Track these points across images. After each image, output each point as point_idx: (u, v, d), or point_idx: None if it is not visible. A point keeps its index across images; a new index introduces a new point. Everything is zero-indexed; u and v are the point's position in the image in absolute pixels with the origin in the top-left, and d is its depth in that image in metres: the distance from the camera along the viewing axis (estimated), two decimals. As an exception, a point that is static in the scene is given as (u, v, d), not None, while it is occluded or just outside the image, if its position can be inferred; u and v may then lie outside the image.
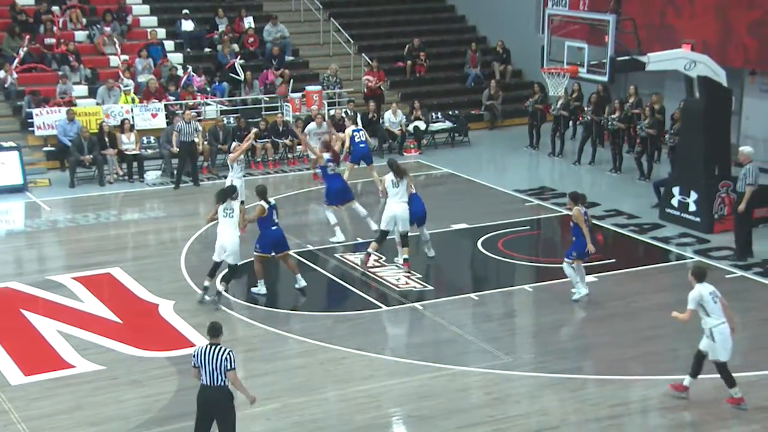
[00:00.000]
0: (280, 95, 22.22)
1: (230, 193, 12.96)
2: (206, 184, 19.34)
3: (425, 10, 27.80)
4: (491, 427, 9.84)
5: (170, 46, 23.51)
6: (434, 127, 22.59)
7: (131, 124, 20.24)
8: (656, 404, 10.33)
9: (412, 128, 22.08)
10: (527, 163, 21.35)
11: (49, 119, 20.08)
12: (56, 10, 23.09)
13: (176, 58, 23.10)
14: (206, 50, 23.88)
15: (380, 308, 13.02)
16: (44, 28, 22.46)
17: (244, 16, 24.59)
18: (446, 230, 15.60)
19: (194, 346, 11.79)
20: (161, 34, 23.64)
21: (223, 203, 12.82)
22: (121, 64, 22.02)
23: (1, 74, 21.19)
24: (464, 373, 11.11)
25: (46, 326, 12.40)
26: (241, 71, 22.53)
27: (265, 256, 13.29)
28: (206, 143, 19.94)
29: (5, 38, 21.85)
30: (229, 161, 16.19)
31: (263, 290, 13.35)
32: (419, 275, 14.08)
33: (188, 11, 24.41)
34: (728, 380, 10.09)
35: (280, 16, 24.89)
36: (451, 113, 23.13)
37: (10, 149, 19.07)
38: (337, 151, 16.22)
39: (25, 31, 22.18)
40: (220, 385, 8.62)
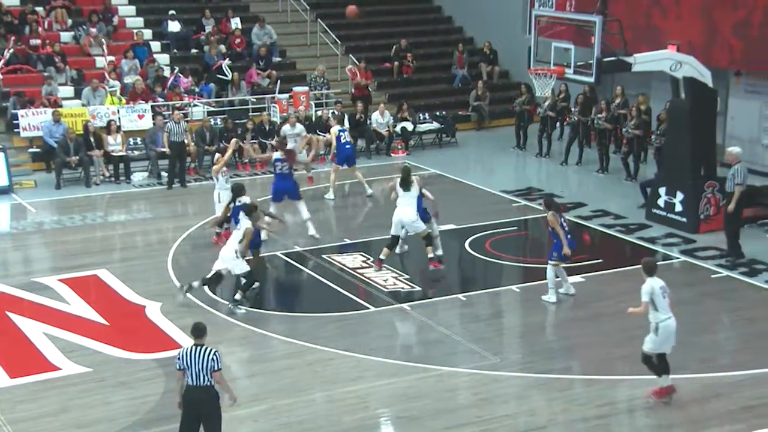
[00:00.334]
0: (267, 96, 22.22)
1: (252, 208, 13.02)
2: (193, 185, 19.30)
3: (412, 11, 27.84)
4: (479, 427, 9.84)
5: (157, 47, 23.44)
6: (421, 127, 22.62)
7: (118, 125, 20.16)
8: (643, 404, 10.35)
9: (399, 129, 22.09)
10: (514, 163, 21.40)
11: (34, 120, 19.99)
12: (41, 11, 22.99)
13: (163, 59, 23.03)
14: (193, 51, 23.82)
15: (368, 309, 13.01)
16: (30, 29, 22.35)
17: (231, 16, 24.54)
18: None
19: (181, 347, 11.77)
20: (147, 35, 23.57)
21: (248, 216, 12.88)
22: (107, 65, 21.94)
23: (-14, 75, 21.11)
24: (452, 373, 11.12)
25: (32, 328, 12.33)
26: (229, 71, 22.48)
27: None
28: (193, 144, 19.90)
29: (-10, 39, 21.77)
30: (213, 174, 15.91)
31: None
32: (407, 276, 14.08)
33: (175, 12, 24.34)
34: (657, 368, 10.14)
35: (267, 16, 24.86)
36: (438, 114, 23.16)
37: (-5, 151, 19.00)
38: (294, 152, 16.23)
39: (10, 32, 22.09)
40: (206, 385, 8.59)
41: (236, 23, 24.40)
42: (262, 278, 14.00)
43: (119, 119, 20.51)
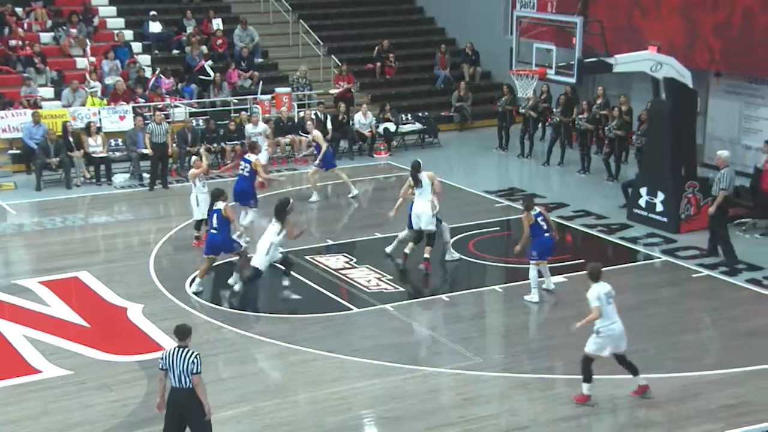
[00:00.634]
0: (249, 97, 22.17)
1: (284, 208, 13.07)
2: (175, 186, 19.22)
3: (394, 12, 27.86)
4: (462, 427, 9.86)
5: (138, 47, 23.33)
6: (404, 128, 22.63)
7: (97, 126, 20.05)
8: (625, 403, 10.41)
9: (382, 130, 22.10)
10: (497, 164, 21.46)
11: (14, 122, 19.86)
12: (20, 11, 22.82)
13: (144, 59, 22.93)
14: (174, 52, 23.73)
15: (351, 310, 13.01)
16: (9, 30, 22.18)
17: (212, 17, 24.47)
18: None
19: (163, 349, 11.73)
20: (128, 35, 23.46)
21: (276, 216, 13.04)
22: (88, 65, 21.81)
23: (-35, 76, 20.94)
24: (435, 374, 11.14)
25: (12, 331, 12.23)
26: (211, 72, 22.41)
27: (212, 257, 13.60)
28: (175, 145, 19.81)
29: (-31, 40, 21.60)
30: (189, 178, 15.60)
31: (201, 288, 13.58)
32: (390, 277, 14.09)
33: (156, 13, 24.24)
34: (586, 373, 10.17)
35: (248, 17, 24.80)
36: (420, 115, 23.19)
37: (-26, 152, 18.87)
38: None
39: (-11, 33, 21.94)
40: (189, 387, 8.56)
41: (218, 24, 24.33)
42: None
43: (100, 120, 20.40)
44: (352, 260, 14.78)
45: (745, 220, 16.04)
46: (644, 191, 16.43)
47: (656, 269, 14.73)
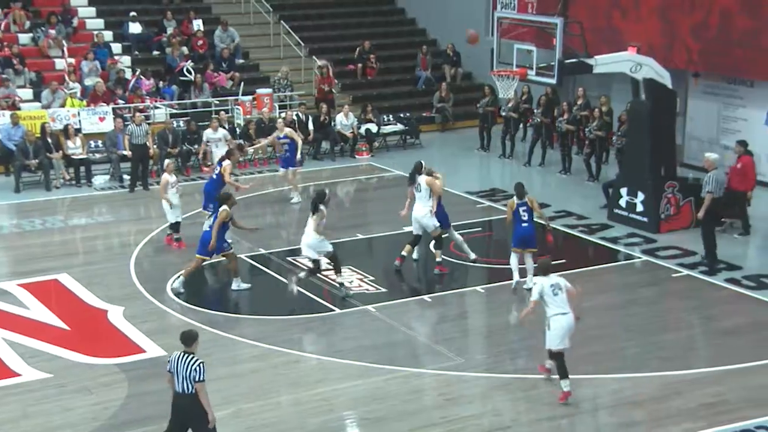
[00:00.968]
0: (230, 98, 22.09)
1: (322, 199, 13.31)
2: (156, 188, 19.09)
3: (375, 13, 27.87)
4: (444, 428, 9.88)
5: (117, 48, 23.21)
6: (386, 129, 22.63)
7: (75, 128, 19.91)
8: (606, 402, 10.47)
9: (363, 131, 22.10)
10: (478, 164, 21.51)
11: (-8, 123, 19.70)
12: (-2, 12, 22.69)
13: (124, 60, 22.82)
14: (155, 53, 23.62)
15: (333, 311, 12.99)
16: (-14, 30, 22.03)
17: (192, 18, 24.37)
18: (399, 233, 15.61)
19: (144, 352, 11.71)
20: (108, 36, 23.32)
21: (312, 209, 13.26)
22: (67, 66, 21.67)
23: (-58, 77, 20.73)
24: (417, 374, 11.14)
25: (-9, 334, 12.14)
26: (193, 72, 22.33)
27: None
28: (156, 147, 19.72)
29: (-53, 41, 21.40)
30: (161, 187, 15.40)
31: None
32: (372, 278, 14.09)
33: (136, 14, 24.12)
34: (561, 370, 10.31)
35: (229, 18, 24.73)
36: (402, 116, 23.20)
37: (-48, 154, 18.70)
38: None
39: (-34, 34, 21.75)
40: (189, 393, 8.56)
41: (198, 25, 24.23)
42: (228, 281, 13.94)
43: (80, 121, 20.27)
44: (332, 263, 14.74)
45: (723, 220, 16.15)
46: (624, 191, 16.52)
47: (636, 269, 14.81)
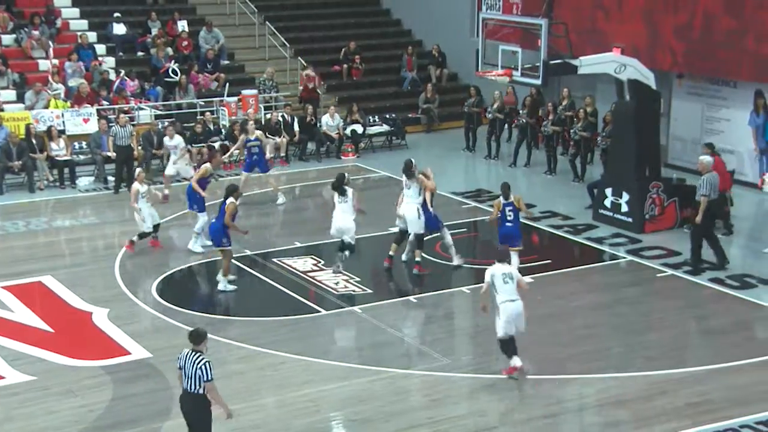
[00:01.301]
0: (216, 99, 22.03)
1: (342, 181, 13.91)
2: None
3: (361, 14, 27.85)
4: (430, 429, 9.88)
5: (102, 50, 23.10)
6: (371, 130, 22.62)
7: (59, 130, 19.79)
8: (592, 402, 10.50)
9: (349, 132, 22.08)
10: (464, 165, 21.54)
11: (-25, 125, 19.55)
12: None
13: (108, 62, 22.71)
14: (139, 54, 23.53)
15: (319, 312, 12.98)
16: (-31, 31, 21.88)
17: (177, 19, 24.29)
18: (384, 233, 15.61)
19: (129, 354, 11.66)
20: (92, 37, 23.21)
21: (337, 191, 13.83)
22: (51, 67, 21.55)
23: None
24: (403, 375, 11.15)
25: (-26, 337, 12.05)
26: (178, 72, 22.25)
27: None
28: (140, 148, 19.63)
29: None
30: (131, 196, 15.33)
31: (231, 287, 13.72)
32: (358, 279, 14.08)
33: (120, 15, 24.01)
34: (509, 351, 10.80)
35: (214, 19, 24.66)
36: (388, 117, 23.19)
37: (-66, 156, 18.53)
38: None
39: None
40: (194, 393, 8.57)
41: (183, 26, 24.15)
42: (214, 282, 13.91)
43: (64, 123, 20.16)
44: (320, 262, 14.74)
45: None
46: (609, 192, 16.58)
47: (622, 269, 14.87)
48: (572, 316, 12.85)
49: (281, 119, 21.04)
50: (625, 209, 16.32)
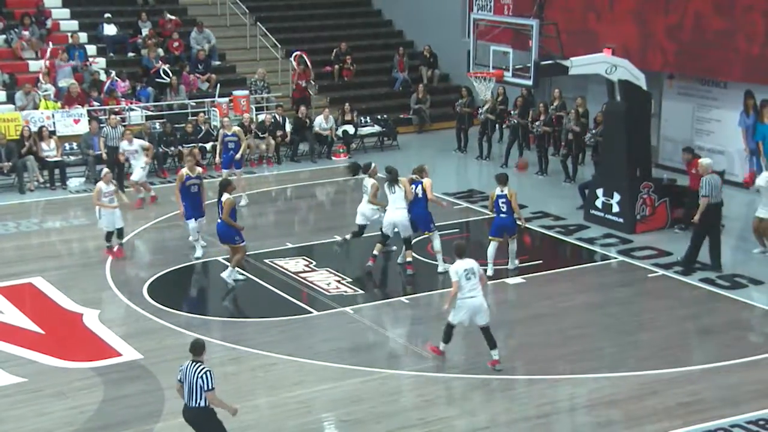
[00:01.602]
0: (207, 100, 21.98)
1: (357, 169, 14.59)
2: (130, 190, 18.96)
3: (352, 14, 27.86)
4: (422, 429, 9.88)
5: (92, 50, 23.03)
6: (363, 131, 22.63)
7: (50, 130, 19.72)
8: (583, 402, 10.52)
9: (341, 132, 22.08)
10: (456, 166, 21.55)
11: (-36, 126, 19.48)
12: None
13: (99, 62, 22.65)
14: (130, 55, 23.47)
15: (311, 313, 12.96)
16: (-41, 32, 21.79)
17: (168, 21, 24.22)
18: (377, 234, 15.59)
19: (120, 355, 11.63)
20: (83, 38, 23.15)
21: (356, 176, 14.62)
22: (43, 68, 21.47)
23: None
24: (395, 376, 11.15)
25: (-36, 339, 12.00)
26: (169, 73, 22.20)
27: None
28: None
29: None
30: (94, 194, 15.18)
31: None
32: (349, 279, 14.07)
33: (110, 15, 23.95)
34: (446, 336, 11.23)
35: (205, 20, 24.63)
36: (379, 117, 23.20)
37: (-76, 157, 18.45)
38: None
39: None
40: (196, 407, 8.57)
41: (169, 17, 24.07)
42: (205, 283, 13.87)
43: (54, 124, 20.09)
44: (311, 263, 14.73)
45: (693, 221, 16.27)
46: (600, 192, 16.61)
47: (613, 269, 14.90)
48: (564, 316, 12.86)
49: (273, 120, 21.02)
50: (616, 210, 16.35)
